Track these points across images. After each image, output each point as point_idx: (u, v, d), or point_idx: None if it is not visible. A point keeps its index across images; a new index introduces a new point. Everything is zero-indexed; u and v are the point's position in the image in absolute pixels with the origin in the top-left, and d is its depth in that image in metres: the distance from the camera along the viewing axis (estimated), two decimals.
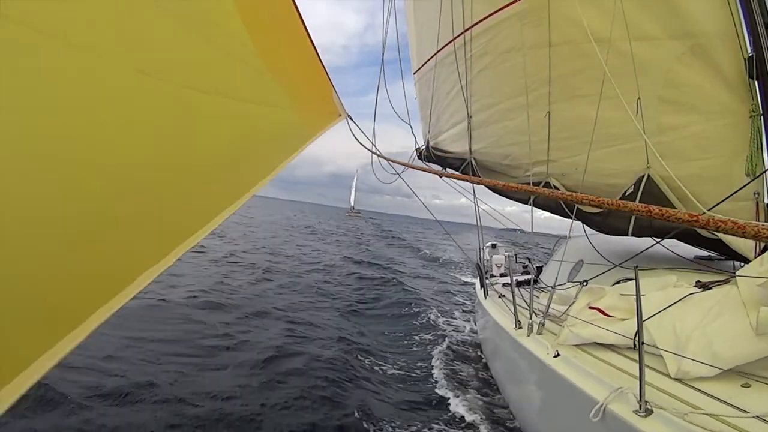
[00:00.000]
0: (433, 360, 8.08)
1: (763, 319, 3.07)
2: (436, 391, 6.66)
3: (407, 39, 11.08)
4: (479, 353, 8.50)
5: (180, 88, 2.13)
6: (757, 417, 2.57)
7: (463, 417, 5.87)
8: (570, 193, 5.89)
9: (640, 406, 2.84)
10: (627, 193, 5.50)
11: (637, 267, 3.16)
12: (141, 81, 1.85)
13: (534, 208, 7.06)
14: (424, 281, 18.24)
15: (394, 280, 16.76)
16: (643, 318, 3.94)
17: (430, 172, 5.11)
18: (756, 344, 3.15)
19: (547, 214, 7.19)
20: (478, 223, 7.76)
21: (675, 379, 3.31)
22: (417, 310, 12.15)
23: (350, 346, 8.25)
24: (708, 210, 4.05)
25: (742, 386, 3.08)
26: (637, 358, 3.78)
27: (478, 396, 6.52)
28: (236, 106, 2.69)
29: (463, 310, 12.77)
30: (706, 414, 2.68)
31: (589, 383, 3.45)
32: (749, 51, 4.82)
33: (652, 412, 2.80)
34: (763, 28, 4.75)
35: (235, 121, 2.73)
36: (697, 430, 2.53)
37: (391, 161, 6.00)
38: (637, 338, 3.85)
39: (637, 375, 3.33)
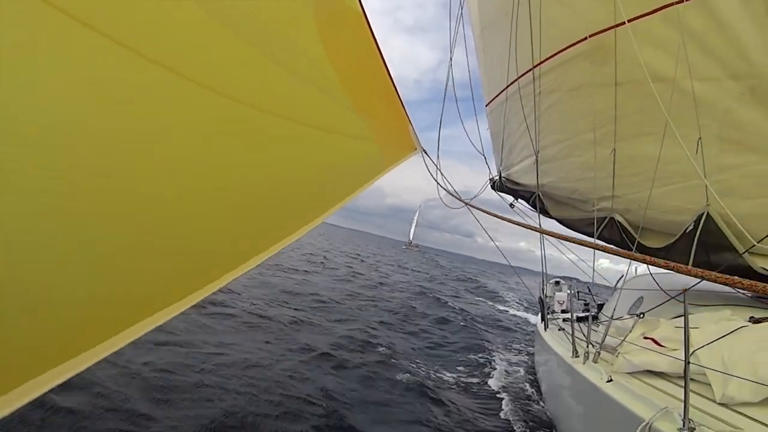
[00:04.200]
0: None
1: None
2: None
3: (477, 73, 11.32)
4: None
5: (264, 114, 2.29)
6: None
7: None
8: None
9: (684, 424, 3.00)
10: (687, 230, 5.57)
11: (686, 290, 3.32)
12: (230, 106, 2.04)
13: (596, 252, 7.09)
14: None
15: None
16: (695, 348, 4.08)
17: (491, 214, 5.27)
18: None
19: (605, 264, 7.23)
20: (543, 257, 7.89)
21: (720, 404, 3.43)
22: None
23: None
24: (758, 243, 4.13)
25: None
26: None
27: None
28: (322, 135, 2.86)
29: None
30: None
31: (637, 404, 3.61)
32: None
33: (695, 429, 2.96)
34: None
35: (319, 149, 2.92)
36: None
37: (466, 202, 6.10)
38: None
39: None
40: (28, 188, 1.38)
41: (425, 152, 4.43)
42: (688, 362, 3.19)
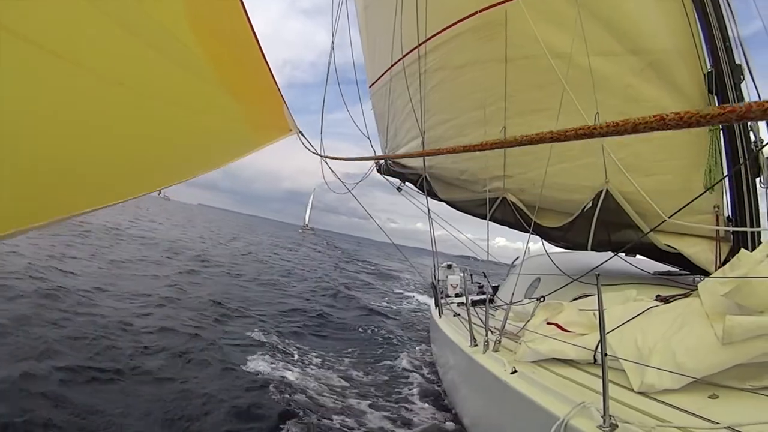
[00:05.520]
0: None
1: (729, 328, 2.97)
2: None
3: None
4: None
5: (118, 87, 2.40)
6: (729, 428, 2.44)
7: None
8: None
9: (604, 421, 2.65)
10: (585, 209, 5.44)
11: (599, 275, 3.03)
12: (84, 78, 2.15)
13: (490, 234, 6.98)
14: None
15: None
16: (605, 332, 3.84)
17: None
18: (722, 354, 3.03)
19: (502, 242, 7.16)
20: (433, 240, 7.62)
21: (638, 392, 3.16)
22: None
23: None
24: (666, 221, 4.00)
25: (709, 397, 2.96)
26: (598, 373, 3.66)
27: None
28: (178, 109, 2.92)
29: None
30: (675, 427, 2.54)
31: (548, 399, 3.28)
32: (708, 67, 4.84)
33: (617, 426, 2.62)
34: (722, 44, 4.79)
35: (176, 122, 2.98)
36: None
37: (340, 158, 5.71)
38: (598, 351, 3.76)
39: (599, 390, 3.19)
40: None
41: (301, 134, 4.53)
42: (605, 354, 2.89)
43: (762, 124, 4.61)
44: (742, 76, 4.81)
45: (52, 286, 10.22)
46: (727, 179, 4.69)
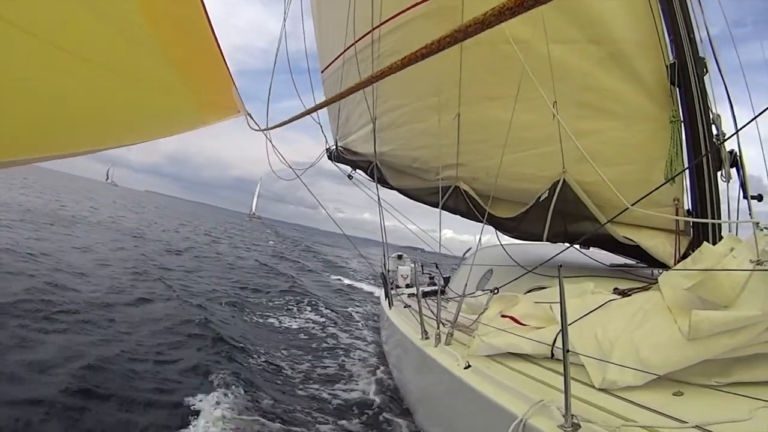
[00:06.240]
0: None
1: (695, 323, 2.85)
2: None
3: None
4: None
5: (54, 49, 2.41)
6: (697, 427, 2.31)
7: None
8: None
9: (566, 420, 2.47)
10: (541, 199, 5.31)
11: (560, 266, 2.88)
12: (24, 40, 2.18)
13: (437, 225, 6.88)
14: None
15: None
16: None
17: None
18: (687, 349, 2.91)
19: (449, 234, 7.04)
20: (383, 229, 7.42)
21: (599, 389, 3.02)
22: None
23: None
24: (624, 211, 3.88)
25: (674, 395, 2.83)
26: (556, 368, 3.52)
27: None
28: (118, 77, 2.91)
29: None
30: (641, 426, 2.38)
31: (505, 396, 3.09)
32: (671, 58, 4.76)
33: (580, 426, 2.45)
34: (686, 36, 4.72)
35: (111, 89, 2.97)
36: None
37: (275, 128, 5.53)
38: (556, 346, 3.63)
39: (557, 386, 3.04)
40: None
41: (249, 116, 4.58)
42: (567, 350, 2.73)
43: (725, 118, 4.59)
44: (705, 69, 4.75)
45: None
46: (688, 173, 4.62)
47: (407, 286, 10.08)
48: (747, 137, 4.55)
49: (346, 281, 23.65)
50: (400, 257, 11.19)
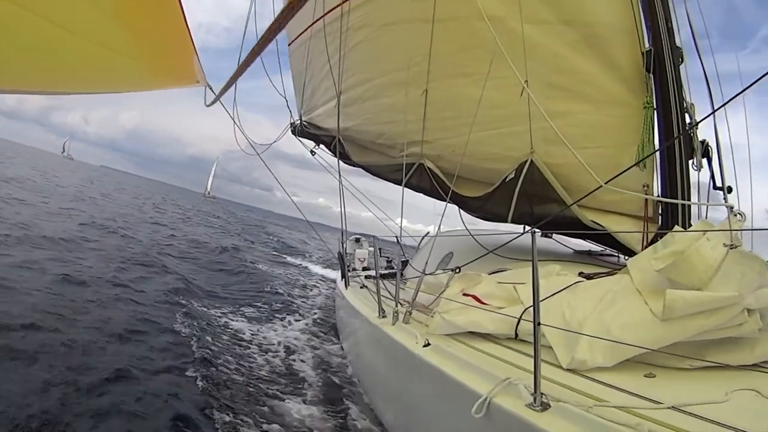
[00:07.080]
0: None
1: (670, 302, 2.74)
2: None
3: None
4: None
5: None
6: (673, 407, 2.20)
7: None
8: None
9: (535, 399, 2.37)
10: (507, 179, 5.19)
11: (534, 232, 2.74)
12: None
13: (391, 214, 6.78)
14: None
15: None
16: (525, 306, 3.57)
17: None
18: (661, 330, 2.82)
19: (404, 223, 6.94)
20: (342, 207, 7.24)
21: (567, 370, 2.91)
22: None
23: None
24: (594, 191, 3.77)
25: (646, 376, 2.74)
26: (519, 348, 3.40)
27: None
28: (58, 29, 2.70)
29: None
30: (614, 407, 2.25)
31: (467, 375, 2.96)
32: (647, 45, 4.71)
33: (549, 405, 2.34)
34: (663, 24, 4.66)
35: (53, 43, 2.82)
36: (607, 425, 2.11)
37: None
38: (521, 324, 3.52)
39: (522, 366, 2.92)
40: None
41: (209, 87, 4.49)
42: (539, 323, 2.59)
43: (700, 108, 4.59)
44: (681, 59, 4.74)
45: None
46: (659, 161, 4.57)
47: (364, 268, 9.96)
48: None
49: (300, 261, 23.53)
50: (357, 240, 10.98)
